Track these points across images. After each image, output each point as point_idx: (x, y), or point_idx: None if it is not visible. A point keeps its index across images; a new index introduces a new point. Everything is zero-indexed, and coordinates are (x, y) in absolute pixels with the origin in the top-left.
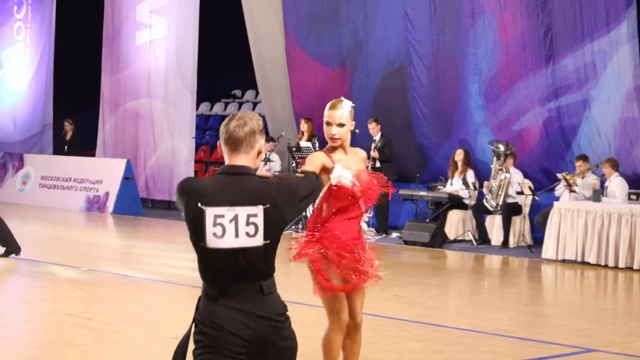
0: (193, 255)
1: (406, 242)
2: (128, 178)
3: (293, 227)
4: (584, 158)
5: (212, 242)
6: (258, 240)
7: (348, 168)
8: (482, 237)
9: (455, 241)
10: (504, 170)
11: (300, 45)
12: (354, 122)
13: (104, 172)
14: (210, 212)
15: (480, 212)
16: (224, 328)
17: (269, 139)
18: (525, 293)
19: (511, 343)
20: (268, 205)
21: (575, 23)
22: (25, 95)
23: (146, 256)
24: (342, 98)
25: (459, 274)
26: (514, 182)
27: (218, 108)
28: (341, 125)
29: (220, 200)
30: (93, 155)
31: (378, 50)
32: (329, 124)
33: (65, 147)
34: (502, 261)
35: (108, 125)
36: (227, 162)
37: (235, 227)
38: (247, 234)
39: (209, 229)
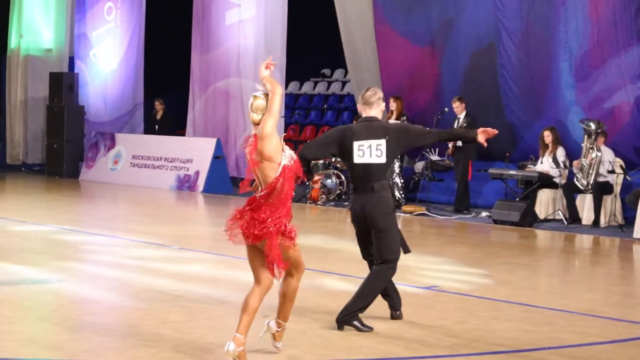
0: None
1: (496, 222)
2: (218, 157)
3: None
4: None
5: (356, 159)
6: (382, 159)
7: None
8: (573, 217)
9: (546, 220)
10: (595, 149)
11: (390, 23)
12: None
13: (195, 151)
14: (356, 144)
15: (570, 191)
16: (354, 208)
17: (357, 117)
18: (616, 273)
19: (603, 323)
20: (388, 138)
21: None
22: (116, 75)
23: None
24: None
25: (549, 254)
26: (605, 161)
27: (307, 87)
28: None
29: (362, 136)
30: (183, 134)
31: (468, 28)
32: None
33: (156, 127)
34: (592, 241)
35: (198, 104)
36: (363, 115)
37: (369, 151)
38: (376, 155)
39: (355, 152)
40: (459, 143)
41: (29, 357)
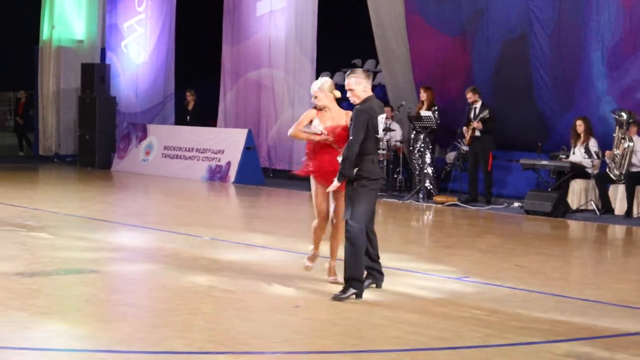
0: (310, 226)
1: (528, 212)
2: (249, 148)
3: (414, 195)
4: None
5: (380, 133)
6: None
7: (324, 122)
8: (605, 207)
9: (578, 211)
10: (627, 139)
11: (420, 13)
12: (330, 93)
13: (226, 142)
14: (379, 118)
15: (603, 181)
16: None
17: (389, 107)
18: None
19: (636, 314)
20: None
21: None
22: (147, 66)
23: (267, 225)
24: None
25: (582, 244)
26: (637, 151)
27: (338, 78)
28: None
29: (379, 112)
30: (214, 125)
31: (499, 18)
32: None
33: (187, 118)
34: (625, 231)
35: (229, 95)
36: (370, 93)
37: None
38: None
39: (380, 127)
40: (477, 133)
41: (61, 347)
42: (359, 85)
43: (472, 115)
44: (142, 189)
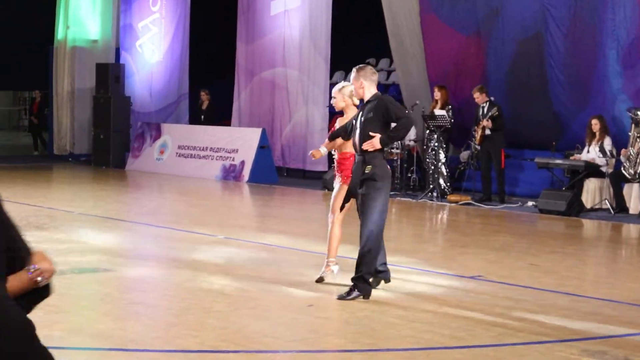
0: (324, 225)
1: (542, 211)
2: (263, 147)
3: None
4: None
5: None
6: None
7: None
8: (620, 206)
9: (592, 210)
10: None
11: (435, 12)
12: (348, 98)
13: (240, 141)
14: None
15: (617, 180)
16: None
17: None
18: None
19: None
20: None
21: None
22: (161, 65)
23: (281, 224)
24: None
25: (596, 243)
26: None
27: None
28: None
29: None
30: (229, 124)
31: (514, 16)
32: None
33: (202, 117)
34: None
35: (243, 94)
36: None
37: None
38: None
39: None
40: (487, 132)
41: (76, 346)
42: (372, 83)
43: (480, 114)
44: (157, 188)
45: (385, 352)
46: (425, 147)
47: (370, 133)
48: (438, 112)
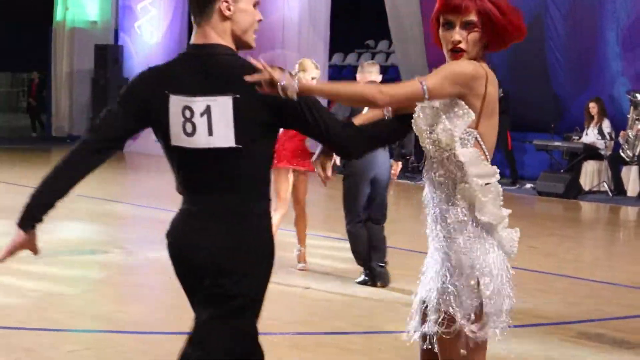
0: (323, 210)
1: (540, 193)
2: None
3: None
4: None
5: None
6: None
7: None
8: (618, 188)
9: (591, 192)
10: None
11: None
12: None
13: None
14: None
15: (616, 162)
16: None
17: None
18: None
19: None
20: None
21: None
22: (159, 47)
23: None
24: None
25: (594, 226)
26: None
27: (351, 59)
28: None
29: None
30: None
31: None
32: None
33: None
34: (638, 213)
35: None
36: None
37: None
38: None
39: None
40: None
41: (77, 328)
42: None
43: None
44: (156, 170)
45: (385, 334)
46: None
47: None
48: None
